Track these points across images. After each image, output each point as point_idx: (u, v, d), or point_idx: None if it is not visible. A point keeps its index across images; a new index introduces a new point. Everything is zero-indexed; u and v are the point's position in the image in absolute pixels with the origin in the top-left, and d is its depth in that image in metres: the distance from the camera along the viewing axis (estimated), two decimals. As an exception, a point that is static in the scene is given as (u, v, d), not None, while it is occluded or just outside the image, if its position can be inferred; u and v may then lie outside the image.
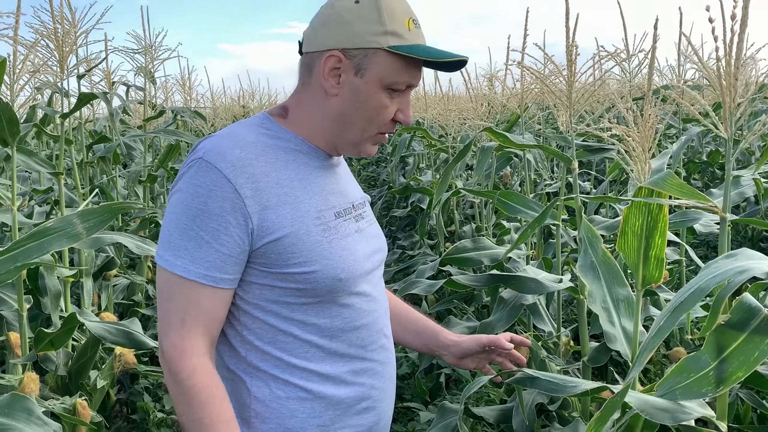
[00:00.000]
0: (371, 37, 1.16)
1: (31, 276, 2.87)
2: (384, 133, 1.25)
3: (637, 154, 1.77)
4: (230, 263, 1.14)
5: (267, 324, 1.20)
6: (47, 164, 2.69)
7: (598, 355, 2.37)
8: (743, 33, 1.29)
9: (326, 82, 1.20)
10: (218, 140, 1.18)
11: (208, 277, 1.12)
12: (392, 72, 1.18)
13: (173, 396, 1.15)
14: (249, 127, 1.23)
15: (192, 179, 1.14)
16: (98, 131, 5.15)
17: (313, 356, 1.22)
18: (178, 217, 1.13)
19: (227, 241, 1.12)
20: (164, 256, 1.14)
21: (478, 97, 4.57)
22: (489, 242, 2.93)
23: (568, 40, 2.15)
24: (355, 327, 1.25)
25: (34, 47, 2.59)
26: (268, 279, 1.18)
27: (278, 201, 1.16)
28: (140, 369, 3.16)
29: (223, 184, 1.11)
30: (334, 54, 1.18)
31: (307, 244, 1.17)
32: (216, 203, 1.11)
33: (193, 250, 1.12)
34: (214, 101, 7.90)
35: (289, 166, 1.20)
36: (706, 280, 1.11)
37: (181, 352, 1.13)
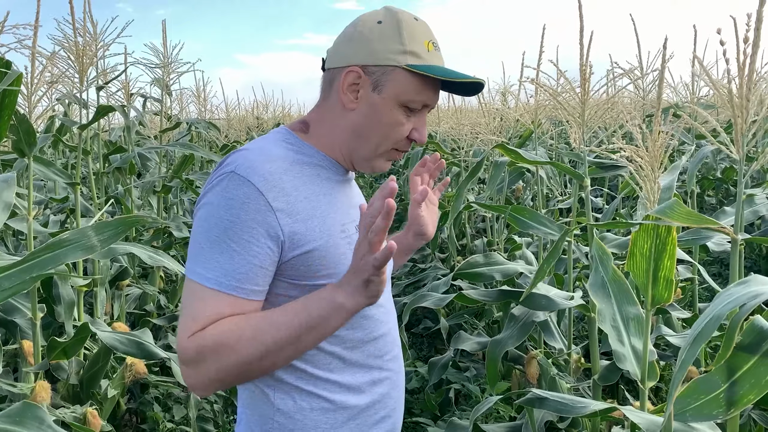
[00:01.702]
0: (391, 55, 1.20)
1: (45, 285, 2.90)
2: (399, 150, 1.27)
3: (647, 173, 1.77)
4: (261, 275, 1.14)
5: None
6: (64, 174, 2.73)
7: (609, 374, 2.36)
8: (755, 54, 1.29)
9: (345, 96, 1.23)
10: (249, 154, 1.18)
11: (240, 289, 1.12)
12: (409, 90, 1.21)
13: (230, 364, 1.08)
14: (275, 143, 1.25)
15: (224, 192, 1.13)
16: (113, 141, 5.21)
17: (335, 367, 1.23)
18: (209, 230, 1.13)
19: (259, 252, 1.12)
20: (195, 270, 1.13)
21: (491, 112, 4.58)
22: (501, 257, 2.93)
23: (582, 59, 2.15)
24: (374, 338, 1.28)
25: (53, 59, 2.63)
26: (296, 291, 1.18)
27: (307, 214, 1.17)
28: (151, 379, 3.18)
29: (255, 196, 1.12)
30: (353, 70, 1.21)
31: (334, 257, 1.19)
32: (248, 215, 1.11)
33: (225, 262, 1.11)
34: (229, 113, 7.97)
35: (314, 180, 1.23)
36: (721, 308, 1.11)
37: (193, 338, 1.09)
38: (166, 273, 4.40)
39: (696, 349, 1.12)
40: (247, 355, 1.08)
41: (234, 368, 1.09)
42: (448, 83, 1.24)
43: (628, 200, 4.50)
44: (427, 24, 1.25)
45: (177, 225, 4.11)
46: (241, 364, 1.09)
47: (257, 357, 1.09)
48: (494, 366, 2.41)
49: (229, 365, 1.08)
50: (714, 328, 1.10)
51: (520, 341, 2.39)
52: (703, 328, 1.12)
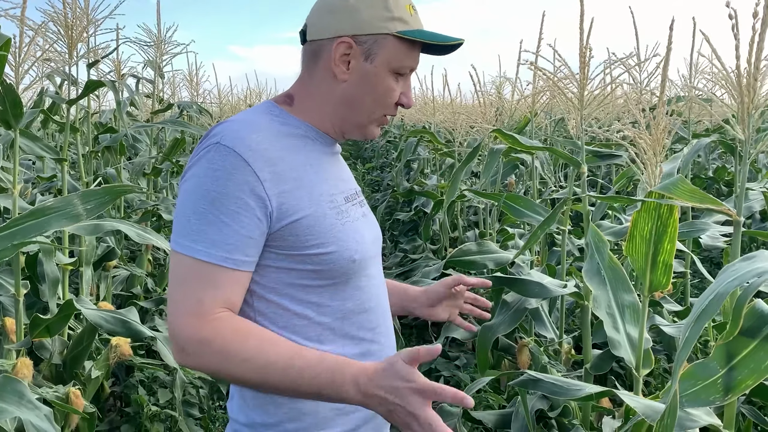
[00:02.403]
0: (380, 23, 1.20)
1: (30, 262, 2.84)
2: (387, 115, 1.29)
3: (648, 157, 1.74)
4: (250, 245, 1.13)
5: (282, 308, 1.20)
6: (51, 149, 2.67)
7: (601, 363, 2.34)
8: (764, 32, 1.26)
9: (336, 67, 1.22)
10: (233, 125, 1.18)
11: (229, 260, 1.11)
12: (400, 56, 1.23)
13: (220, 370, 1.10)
14: (260, 114, 1.24)
15: (210, 163, 1.13)
16: (104, 123, 5.13)
17: (326, 338, 1.22)
18: (196, 202, 1.12)
19: (248, 223, 1.12)
20: (182, 242, 1.12)
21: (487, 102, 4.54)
22: (494, 246, 2.90)
23: (581, 42, 2.12)
24: (364, 309, 1.27)
25: (42, 29, 2.57)
26: (285, 262, 1.18)
27: (295, 184, 1.17)
28: (136, 361, 3.13)
29: (242, 166, 1.12)
30: (344, 40, 1.21)
31: (324, 226, 1.19)
32: (235, 186, 1.11)
33: (213, 234, 1.11)
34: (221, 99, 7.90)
35: (300, 151, 1.22)
36: (725, 284, 1.08)
37: (201, 325, 1.09)
38: (154, 256, 4.34)
39: (700, 326, 1.09)
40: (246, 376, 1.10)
41: (228, 376, 1.11)
42: (427, 45, 1.26)
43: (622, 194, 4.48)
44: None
45: (167, 207, 4.06)
46: (237, 378, 1.12)
47: (253, 382, 1.11)
48: (485, 351, 2.38)
49: (228, 372, 1.10)
50: (719, 304, 1.07)
51: (512, 327, 2.37)
52: (708, 305, 1.09)
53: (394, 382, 1.03)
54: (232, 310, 1.14)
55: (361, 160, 14.08)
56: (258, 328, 1.14)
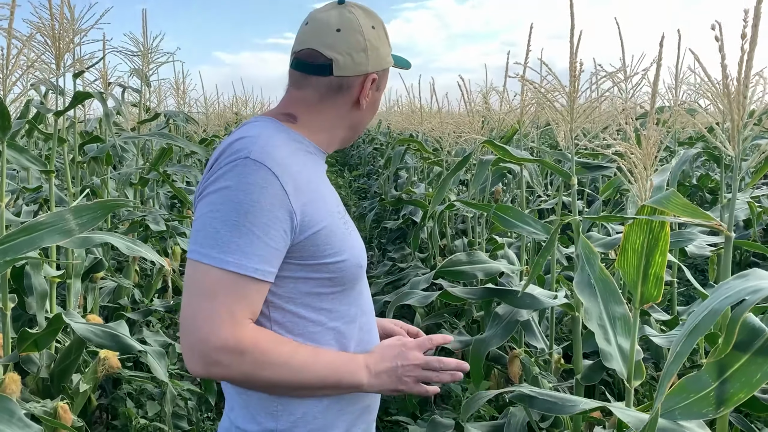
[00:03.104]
0: (387, 58, 1.37)
1: (16, 275, 2.81)
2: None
3: (639, 171, 1.76)
4: (276, 257, 1.18)
5: (298, 316, 1.25)
6: (38, 161, 2.64)
7: (592, 374, 2.35)
8: (753, 51, 1.28)
9: (363, 99, 1.34)
10: (259, 141, 1.22)
11: (259, 271, 1.15)
12: (386, 81, 1.42)
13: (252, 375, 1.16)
14: (274, 130, 1.29)
15: (241, 177, 1.16)
16: (89, 132, 5.09)
17: (336, 342, 1.29)
18: (227, 214, 1.15)
19: (275, 235, 1.16)
20: (210, 254, 1.14)
21: (475, 113, 4.57)
22: (484, 256, 2.91)
23: (572, 55, 2.14)
24: (364, 312, 1.35)
25: (29, 41, 2.55)
26: (303, 272, 1.24)
27: (312, 197, 1.24)
28: (124, 374, 3.11)
29: (272, 181, 1.16)
30: (373, 76, 1.34)
31: (337, 236, 1.26)
32: (267, 200, 1.15)
33: (245, 245, 1.14)
34: (207, 107, 7.87)
35: (312, 166, 1.30)
36: (720, 301, 1.10)
37: (238, 335, 1.13)
38: (141, 267, 4.31)
39: (692, 341, 1.11)
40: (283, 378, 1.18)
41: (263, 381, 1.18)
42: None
43: (609, 203, 4.52)
44: None
45: (154, 218, 4.03)
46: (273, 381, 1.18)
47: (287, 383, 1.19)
48: (478, 364, 2.39)
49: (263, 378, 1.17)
50: (712, 321, 1.08)
51: (504, 340, 2.38)
52: (701, 321, 1.10)
53: (394, 350, 1.24)
54: (254, 319, 1.19)
55: (348, 168, 14.09)
56: (280, 336, 1.23)
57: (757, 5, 1.28)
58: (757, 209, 3.23)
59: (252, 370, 1.15)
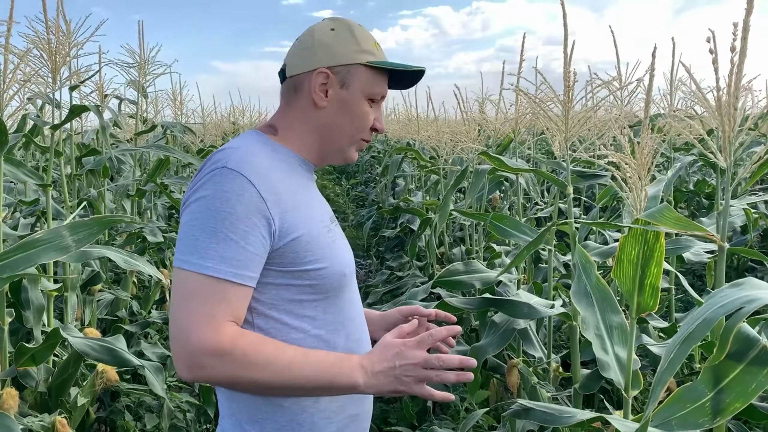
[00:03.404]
0: (352, 55, 1.35)
1: (14, 289, 2.80)
2: (364, 140, 1.42)
3: (633, 181, 1.77)
4: (256, 262, 1.21)
5: (281, 323, 1.27)
6: (35, 175, 2.65)
7: (590, 383, 2.35)
8: (742, 63, 1.29)
9: (316, 95, 1.35)
10: (236, 151, 1.26)
11: (238, 275, 1.18)
12: (371, 84, 1.37)
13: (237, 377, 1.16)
14: (252, 141, 1.34)
15: (218, 185, 1.20)
16: (86, 144, 5.10)
17: (320, 350, 1.29)
18: (204, 222, 1.19)
19: (254, 241, 1.19)
20: (190, 260, 1.18)
21: (471, 121, 4.58)
22: (481, 266, 2.91)
23: (566, 66, 2.16)
24: (350, 320, 1.37)
25: (26, 56, 2.56)
26: (284, 278, 1.26)
27: (293, 204, 1.27)
28: (122, 387, 3.10)
29: (249, 188, 1.20)
30: (322, 71, 1.34)
31: (318, 243, 1.29)
32: (244, 207, 1.19)
33: (223, 251, 1.17)
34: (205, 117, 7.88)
35: (293, 176, 1.33)
36: (714, 310, 1.10)
37: (218, 338, 1.14)
38: (138, 278, 4.30)
39: (686, 350, 1.11)
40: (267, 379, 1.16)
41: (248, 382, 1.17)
42: (393, 80, 1.41)
43: (606, 211, 4.53)
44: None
45: (151, 229, 4.03)
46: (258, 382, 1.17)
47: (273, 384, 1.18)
48: (475, 373, 2.38)
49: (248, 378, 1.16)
50: (706, 330, 1.09)
51: (501, 348, 2.38)
52: (694, 330, 1.11)
53: (392, 350, 1.19)
54: (237, 324, 1.20)
55: (345, 176, 14.10)
56: (265, 337, 1.22)
57: (746, 18, 1.29)
58: (753, 215, 3.24)
59: (235, 372, 1.15)
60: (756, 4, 1.29)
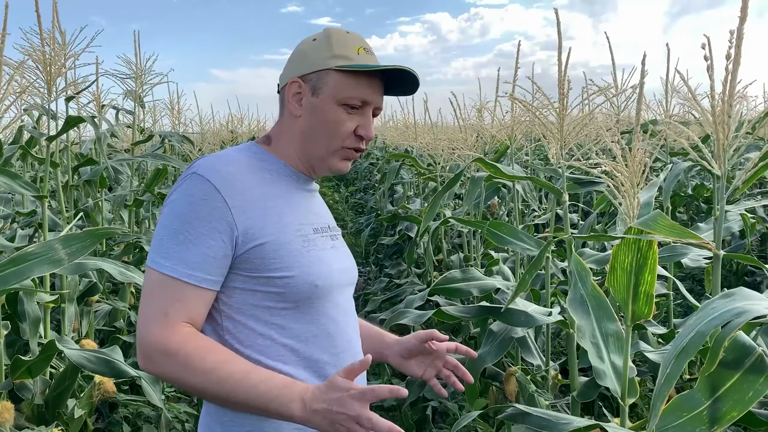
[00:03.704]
0: (322, 61, 1.34)
1: (10, 301, 2.80)
2: (351, 149, 1.38)
3: (626, 189, 1.76)
4: (214, 266, 1.23)
5: (247, 328, 1.28)
6: (31, 187, 2.64)
7: (588, 390, 2.34)
8: (736, 71, 1.29)
9: (291, 105, 1.37)
10: (212, 158, 1.32)
11: (193, 276, 1.21)
12: (343, 88, 1.33)
13: (179, 379, 1.19)
14: (239, 150, 1.39)
15: (186, 190, 1.26)
16: (84, 154, 5.10)
17: (288, 359, 1.29)
18: (170, 223, 1.24)
19: (213, 245, 1.22)
20: (154, 259, 1.24)
21: (468, 128, 4.59)
22: (478, 273, 2.91)
23: (560, 74, 2.16)
24: (328, 334, 1.34)
25: (20, 68, 2.56)
26: (251, 284, 1.28)
27: (263, 212, 1.28)
28: (120, 398, 3.09)
29: (213, 194, 1.23)
30: (294, 80, 1.37)
31: (287, 251, 1.28)
32: (205, 211, 1.23)
33: (181, 252, 1.22)
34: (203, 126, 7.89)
35: (272, 184, 1.34)
36: (705, 323, 1.10)
37: (169, 335, 1.18)
38: (137, 288, 4.29)
39: (681, 364, 1.10)
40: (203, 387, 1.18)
41: (186, 386, 1.20)
42: (391, 86, 1.38)
43: (604, 216, 4.53)
44: (361, 37, 1.40)
45: (148, 239, 4.02)
46: (195, 388, 1.20)
47: (209, 393, 1.19)
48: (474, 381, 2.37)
49: (186, 382, 1.19)
50: (699, 344, 1.08)
51: (499, 357, 2.37)
52: (688, 343, 1.10)
53: (335, 393, 1.14)
54: (194, 325, 1.24)
55: (345, 183, 14.10)
56: (219, 346, 1.23)
57: (740, 26, 1.29)
58: (750, 220, 3.23)
59: (176, 373, 1.18)
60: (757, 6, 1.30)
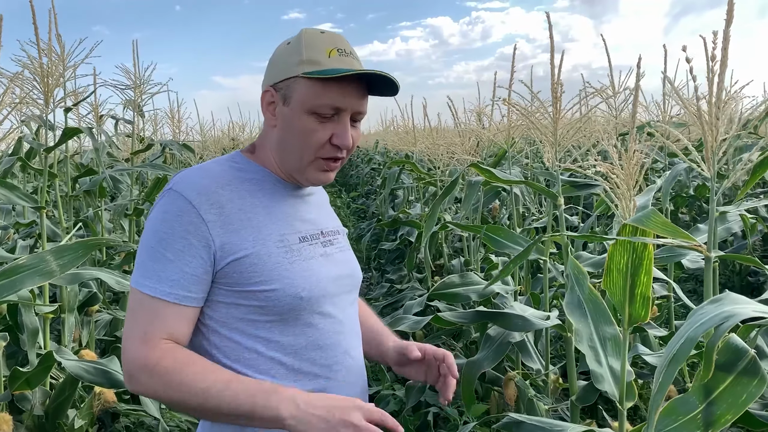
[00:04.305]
0: (291, 68, 1.28)
1: (11, 312, 2.80)
2: (328, 159, 1.31)
3: (622, 191, 1.76)
4: (194, 282, 1.22)
5: (233, 341, 1.26)
6: (29, 198, 2.65)
7: (587, 394, 2.33)
8: (723, 73, 1.29)
9: (266, 115, 1.34)
10: (188, 172, 1.30)
11: (172, 294, 1.20)
12: (311, 96, 1.26)
13: (163, 395, 1.17)
14: (219, 162, 1.36)
15: (162, 207, 1.24)
16: (85, 164, 5.11)
17: (277, 372, 1.27)
18: (148, 241, 1.23)
19: (191, 261, 1.21)
20: (135, 278, 1.23)
21: (466, 132, 4.58)
22: (477, 277, 2.90)
23: (553, 79, 2.16)
24: (318, 346, 1.31)
25: (16, 80, 2.57)
26: (233, 297, 1.25)
27: (240, 225, 1.25)
28: (120, 408, 3.09)
29: (188, 209, 1.22)
30: (267, 89, 1.32)
31: (268, 264, 1.25)
32: (181, 227, 1.21)
33: (160, 270, 1.20)
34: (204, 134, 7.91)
35: (254, 194, 1.31)
36: (694, 329, 1.09)
37: (147, 351, 1.17)
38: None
39: (673, 371, 1.10)
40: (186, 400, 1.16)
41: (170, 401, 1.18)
42: (374, 86, 1.30)
43: (603, 218, 4.52)
44: (340, 36, 1.32)
45: (149, 248, 4.02)
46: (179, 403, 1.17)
47: (193, 406, 1.17)
48: (470, 387, 2.37)
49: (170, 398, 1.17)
50: (689, 349, 1.08)
51: (496, 362, 2.36)
52: (678, 351, 1.10)
53: (343, 401, 1.13)
54: (176, 341, 1.21)
55: (346, 188, 14.11)
56: (199, 358, 1.21)
57: (726, 28, 1.28)
58: (750, 220, 3.22)
59: (162, 390, 1.16)
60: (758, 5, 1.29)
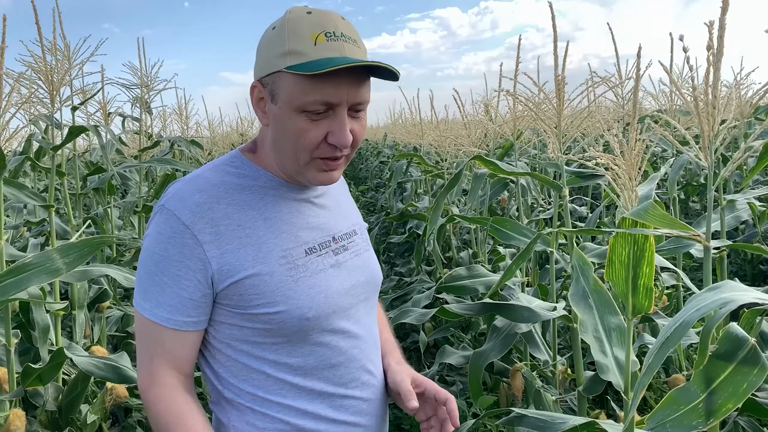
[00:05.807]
0: (274, 60, 1.11)
1: (23, 309, 2.84)
2: (326, 159, 1.16)
3: (624, 182, 1.75)
4: (192, 307, 1.15)
5: (239, 363, 1.20)
6: (37, 197, 2.68)
7: (594, 385, 2.33)
8: (719, 62, 1.28)
9: (257, 113, 1.20)
10: (180, 186, 1.19)
11: (171, 320, 1.15)
12: (298, 93, 1.09)
13: (152, 426, 1.18)
14: (216, 168, 1.23)
15: (156, 226, 1.17)
16: (94, 162, 5.16)
17: (288, 393, 1.20)
18: (145, 262, 1.17)
19: (188, 285, 1.14)
20: (136, 299, 1.19)
21: (473, 123, 4.57)
22: (484, 269, 2.91)
23: (556, 70, 2.15)
24: (330, 365, 1.22)
25: (20, 79, 2.60)
26: (235, 319, 1.18)
27: (239, 243, 1.15)
28: (132, 403, 3.12)
29: (182, 231, 1.13)
30: (255, 85, 1.17)
31: (270, 285, 1.15)
32: (176, 249, 1.13)
33: (158, 294, 1.15)
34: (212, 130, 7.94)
35: (254, 205, 1.19)
36: (690, 314, 1.10)
37: (149, 384, 1.17)
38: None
39: (663, 354, 1.10)
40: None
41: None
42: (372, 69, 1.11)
43: (612, 208, 4.50)
44: (329, 14, 1.10)
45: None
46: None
47: None
48: (477, 379, 2.37)
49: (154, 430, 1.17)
50: (682, 334, 1.08)
51: (503, 353, 2.37)
52: (672, 334, 1.10)
53: None
54: (180, 369, 1.18)
55: (356, 182, 14.12)
56: (189, 416, 1.15)
57: (722, 16, 1.28)
58: (760, 208, 3.19)
59: (152, 420, 1.17)
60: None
